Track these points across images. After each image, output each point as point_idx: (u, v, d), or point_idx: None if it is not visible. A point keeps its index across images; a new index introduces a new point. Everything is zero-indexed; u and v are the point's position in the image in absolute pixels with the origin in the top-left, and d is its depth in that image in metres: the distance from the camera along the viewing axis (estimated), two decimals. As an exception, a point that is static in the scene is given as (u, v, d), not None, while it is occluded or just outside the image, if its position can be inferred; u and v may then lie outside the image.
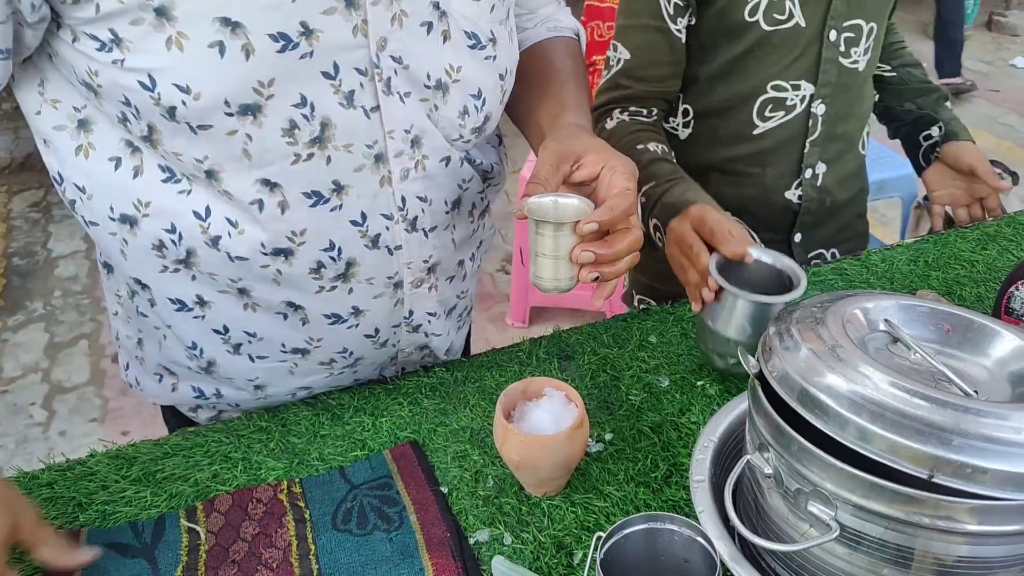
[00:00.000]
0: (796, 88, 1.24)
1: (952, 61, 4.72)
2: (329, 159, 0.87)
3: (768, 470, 0.70)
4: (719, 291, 1.01)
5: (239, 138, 0.82)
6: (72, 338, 3.04)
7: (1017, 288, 1.06)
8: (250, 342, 0.99)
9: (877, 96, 1.48)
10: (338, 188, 0.89)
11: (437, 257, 1.01)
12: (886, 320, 0.75)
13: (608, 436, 0.99)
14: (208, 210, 0.87)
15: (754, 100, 1.25)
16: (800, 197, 1.32)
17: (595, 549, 0.77)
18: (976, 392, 0.67)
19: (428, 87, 0.90)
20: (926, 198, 1.54)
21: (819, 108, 1.26)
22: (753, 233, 1.22)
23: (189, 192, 0.86)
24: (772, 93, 1.24)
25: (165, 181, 0.86)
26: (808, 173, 1.31)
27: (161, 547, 0.87)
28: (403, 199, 0.93)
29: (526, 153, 2.96)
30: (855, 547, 0.66)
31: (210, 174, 0.84)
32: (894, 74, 1.48)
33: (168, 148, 0.83)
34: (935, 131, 1.43)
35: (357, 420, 1.03)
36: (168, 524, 0.90)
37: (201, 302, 0.95)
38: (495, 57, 0.94)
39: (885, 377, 0.65)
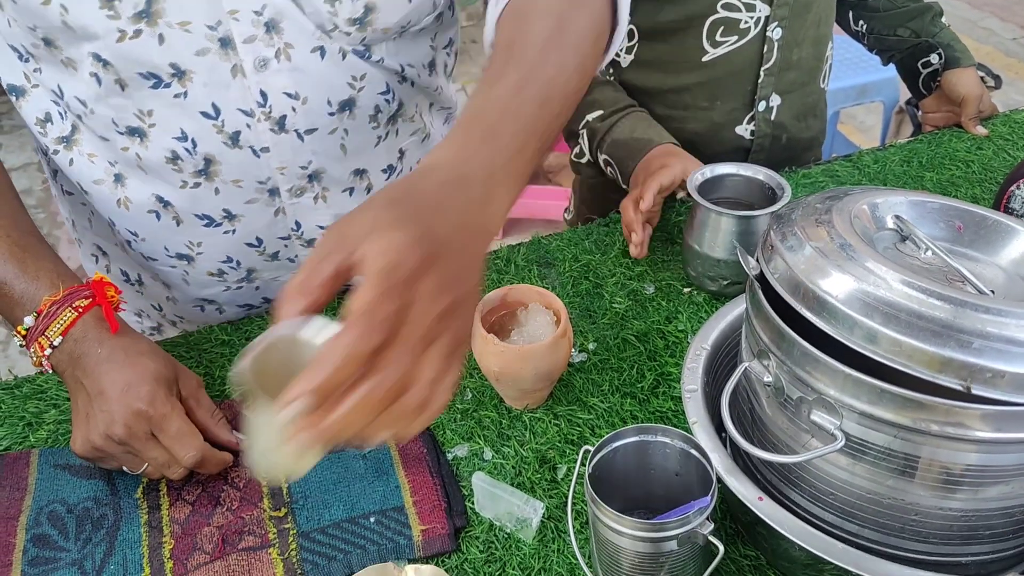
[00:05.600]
0: (750, 8, 1.13)
1: None
2: (162, 38, 0.78)
3: (768, 378, 0.66)
4: (702, 210, 0.96)
5: (54, 9, 0.76)
6: (28, 254, 2.92)
7: (1018, 187, 1.01)
8: (133, 242, 0.95)
9: (865, 25, 1.37)
10: (178, 73, 0.81)
11: (319, 164, 0.91)
12: (896, 216, 0.69)
13: (591, 346, 0.95)
14: (60, 89, 0.84)
15: (703, 21, 1.14)
16: (752, 132, 1.23)
17: (582, 463, 0.73)
18: (993, 292, 0.63)
19: None
20: (908, 102, 1.47)
21: (775, 32, 1.15)
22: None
23: (40, 71, 0.83)
24: (723, 13, 1.13)
25: (20, 59, 0.84)
26: (762, 106, 1.21)
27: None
28: (263, 93, 0.83)
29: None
30: (859, 457, 0.62)
31: (48, 43, 0.79)
32: None
33: (10, 15, 0.79)
34: (934, 58, 1.33)
35: (326, 332, 0.97)
36: (126, 444, 0.84)
37: (83, 191, 0.93)
38: None
39: (898, 276, 0.59)
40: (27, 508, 0.78)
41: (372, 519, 0.76)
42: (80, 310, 0.76)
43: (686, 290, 1.02)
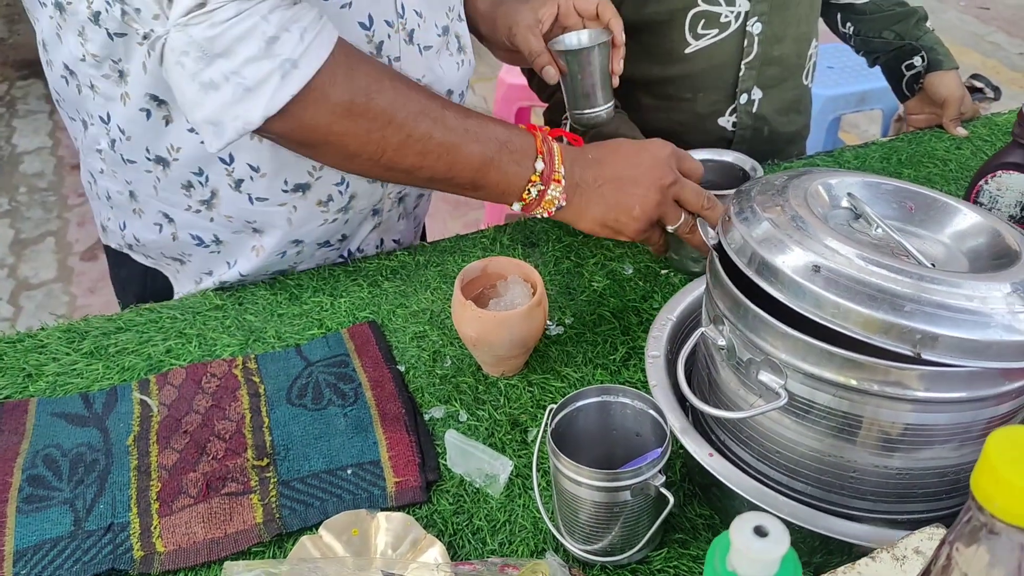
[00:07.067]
0: (730, 3, 1.17)
1: None
2: None
3: (721, 341, 0.70)
4: None
5: None
6: (39, 235, 2.99)
7: (986, 182, 1.04)
8: (252, 178, 0.96)
9: (852, 28, 1.42)
10: None
11: (429, 80, 1.02)
12: (849, 195, 0.73)
13: (568, 320, 0.99)
14: None
15: (686, 14, 1.19)
16: (734, 124, 1.27)
17: (547, 421, 0.77)
18: (933, 265, 0.66)
19: None
20: (908, 111, 1.52)
21: (755, 27, 1.20)
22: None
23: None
24: (704, 6, 1.18)
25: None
26: (743, 98, 1.25)
27: (112, 417, 0.86)
28: (401, 7, 0.95)
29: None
30: (803, 416, 0.66)
31: None
32: (867, 1, 1.40)
33: None
34: (917, 61, 1.37)
35: (315, 300, 1.02)
36: (120, 395, 0.89)
37: (174, 149, 0.94)
38: None
39: (843, 247, 0.63)
40: (24, 451, 0.83)
41: (349, 471, 0.81)
42: (553, 142, 0.90)
43: (663, 272, 1.06)
